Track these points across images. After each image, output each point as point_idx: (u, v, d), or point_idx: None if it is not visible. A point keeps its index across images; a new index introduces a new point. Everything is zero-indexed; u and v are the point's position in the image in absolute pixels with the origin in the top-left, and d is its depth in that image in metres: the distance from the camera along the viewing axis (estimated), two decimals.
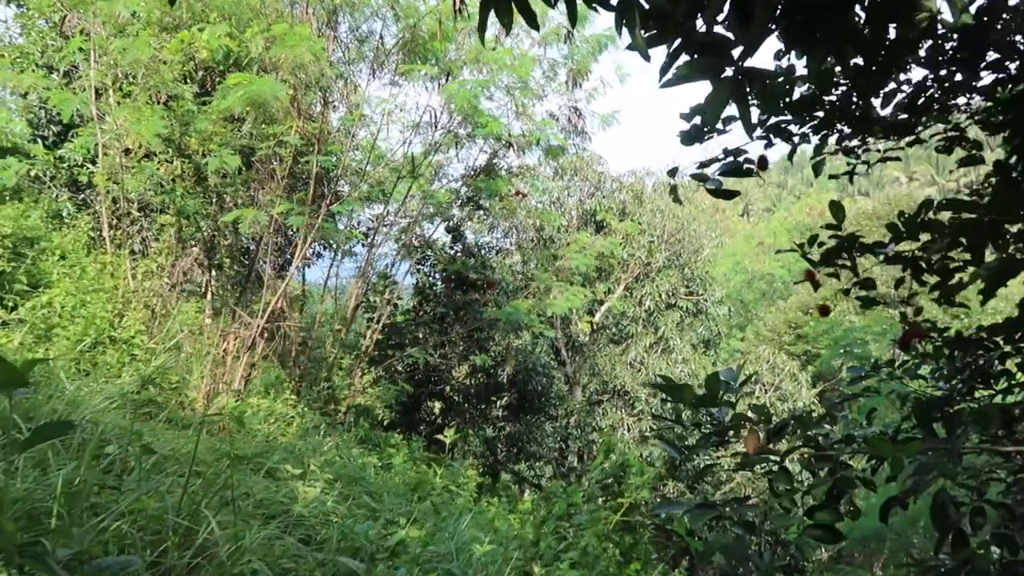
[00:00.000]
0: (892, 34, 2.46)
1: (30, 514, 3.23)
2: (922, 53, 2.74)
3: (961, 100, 3.21)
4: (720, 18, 2.43)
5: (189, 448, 5.69)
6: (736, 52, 2.52)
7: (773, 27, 2.52)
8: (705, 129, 2.94)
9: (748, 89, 2.49)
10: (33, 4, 10.94)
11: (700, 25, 2.44)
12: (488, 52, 11.17)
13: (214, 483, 4.58)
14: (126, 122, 8.52)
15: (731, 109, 2.83)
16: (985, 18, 2.33)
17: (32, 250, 9.40)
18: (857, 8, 2.38)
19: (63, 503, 3.26)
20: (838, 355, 26.62)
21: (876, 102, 3.25)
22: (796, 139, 3.23)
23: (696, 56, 2.46)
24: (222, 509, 4.08)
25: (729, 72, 2.48)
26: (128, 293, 9.29)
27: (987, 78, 2.89)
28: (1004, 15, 2.46)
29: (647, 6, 2.46)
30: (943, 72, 2.97)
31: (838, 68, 2.76)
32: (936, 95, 3.01)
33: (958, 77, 3.21)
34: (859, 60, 2.63)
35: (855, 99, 2.92)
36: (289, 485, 5.68)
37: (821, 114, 3.02)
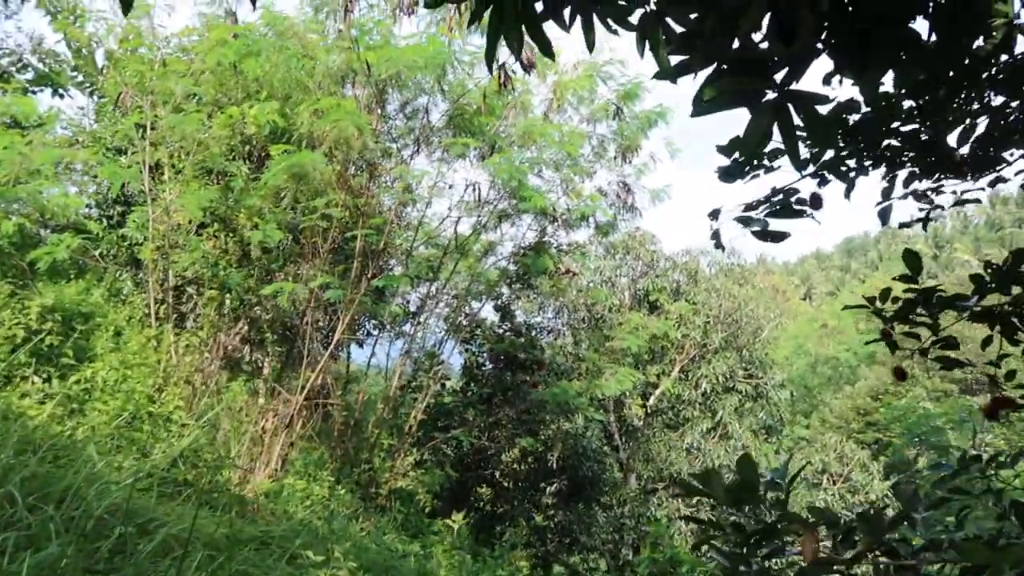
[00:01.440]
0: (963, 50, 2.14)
1: None
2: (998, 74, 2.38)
3: None
4: (759, 37, 2.16)
5: (210, 529, 5.38)
6: (779, 75, 2.22)
7: (820, 45, 2.22)
8: (745, 165, 2.60)
9: (794, 116, 2.17)
10: (108, 91, 11.48)
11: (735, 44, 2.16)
12: (537, 127, 11.16)
13: (223, 567, 4.24)
14: (175, 197, 8.65)
15: (777, 142, 2.50)
16: None
17: (85, 325, 9.50)
18: (920, 19, 2.08)
19: None
20: (912, 443, 25.01)
21: (951, 139, 2.88)
22: (853, 175, 2.83)
23: (731, 76, 2.16)
24: None
25: (771, 96, 2.17)
26: (170, 368, 9.24)
27: None
28: None
29: (673, 24, 2.21)
30: None
31: (904, 91, 2.41)
32: (1020, 123, 2.62)
33: None
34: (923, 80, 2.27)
35: (921, 127, 2.55)
36: (310, 573, 5.29)
37: (882, 146, 2.64)
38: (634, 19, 2.28)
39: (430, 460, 14.12)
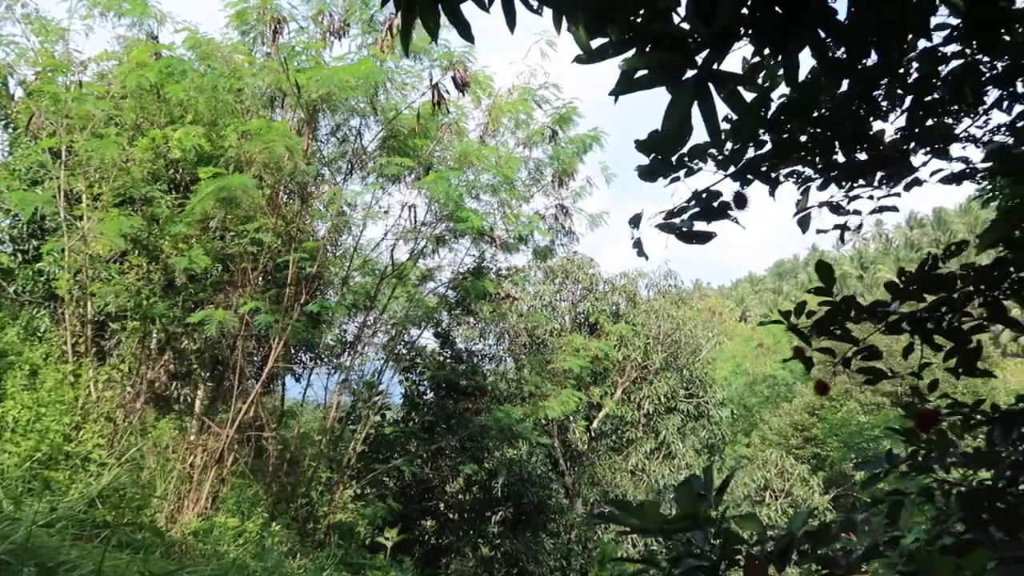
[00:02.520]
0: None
1: None
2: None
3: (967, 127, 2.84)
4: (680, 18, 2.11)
5: (124, 570, 5.02)
6: (700, 57, 2.17)
7: (741, 26, 2.19)
8: (666, 163, 2.51)
9: (715, 98, 2.12)
10: (21, 122, 10.95)
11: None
12: (473, 150, 11.11)
13: None
14: (92, 224, 8.25)
15: (699, 138, 2.44)
16: None
17: None
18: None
19: None
20: (849, 456, 25.58)
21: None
22: (774, 175, 2.79)
23: (653, 53, 2.09)
24: None
25: (692, 74, 2.11)
26: (89, 404, 8.74)
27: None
28: None
29: None
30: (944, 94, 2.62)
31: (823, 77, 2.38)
32: (939, 120, 2.64)
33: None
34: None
35: (841, 117, 2.53)
36: None
37: (804, 139, 2.60)
38: None
39: (371, 493, 13.71)
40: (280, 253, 9.79)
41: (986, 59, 2.69)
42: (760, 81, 2.65)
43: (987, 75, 2.72)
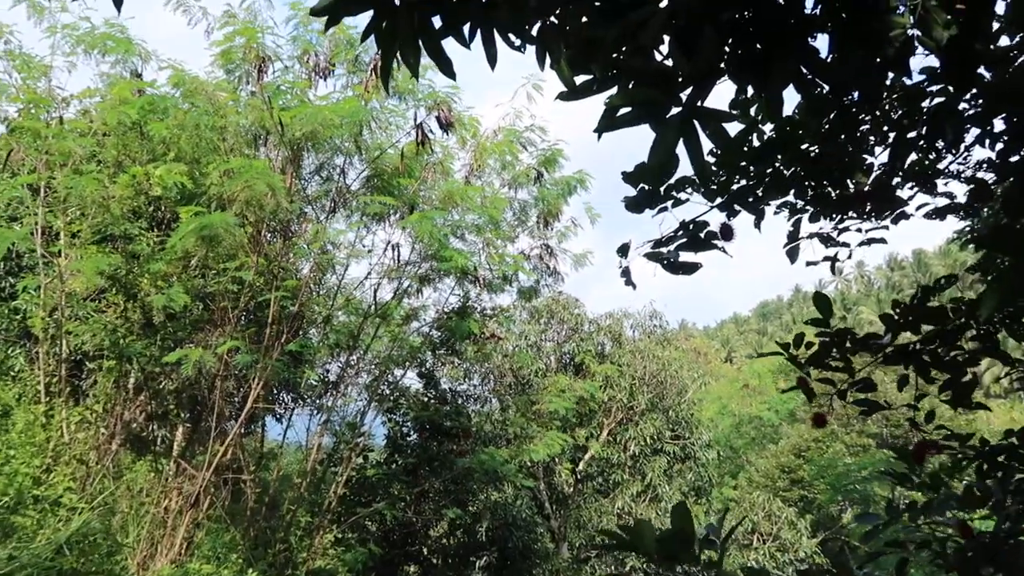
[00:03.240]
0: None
1: None
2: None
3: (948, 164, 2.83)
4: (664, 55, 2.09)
5: None
6: (684, 93, 2.15)
7: (724, 64, 2.17)
8: (653, 195, 2.49)
9: (700, 134, 2.10)
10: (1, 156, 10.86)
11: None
12: (458, 190, 11.12)
13: None
14: (69, 262, 8.12)
15: (684, 171, 2.43)
16: (968, 30, 1.97)
17: None
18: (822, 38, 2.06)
19: None
20: (836, 499, 25.38)
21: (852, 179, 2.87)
22: (761, 206, 2.78)
23: (637, 89, 2.07)
24: None
25: (676, 111, 2.09)
26: (61, 446, 8.50)
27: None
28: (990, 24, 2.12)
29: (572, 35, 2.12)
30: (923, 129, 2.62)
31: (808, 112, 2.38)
32: (922, 156, 2.64)
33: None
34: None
35: (824, 153, 2.52)
36: None
37: (787, 174, 2.59)
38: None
39: (352, 537, 13.39)
40: (262, 291, 9.68)
41: (966, 98, 2.71)
42: (752, 113, 2.64)
43: (967, 113, 2.74)
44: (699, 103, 2.14)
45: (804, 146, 2.54)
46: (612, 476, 20.25)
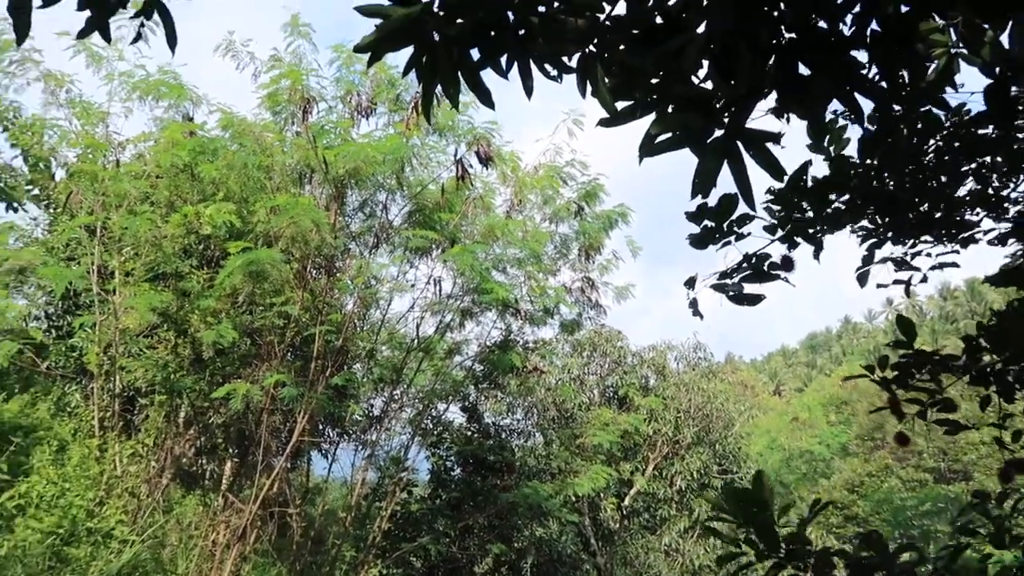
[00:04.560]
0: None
1: None
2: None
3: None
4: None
5: None
6: (726, 117, 2.16)
7: (764, 86, 2.17)
8: (716, 231, 2.51)
9: (744, 155, 2.09)
10: (61, 201, 11.32)
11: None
12: (499, 224, 11.22)
13: None
14: (123, 299, 8.39)
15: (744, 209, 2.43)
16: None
17: (25, 440, 8.98)
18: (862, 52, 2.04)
19: None
20: (894, 537, 24.43)
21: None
22: (820, 237, 2.79)
23: (678, 114, 2.08)
24: None
25: (718, 134, 2.09)
26: (114, 479, 8.69)
27: None
28: None
29: (615, 64, 2.14)
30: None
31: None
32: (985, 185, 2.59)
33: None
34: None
35: (881, 183, 2.50)
36: None
37: (841, 204, 2.58)
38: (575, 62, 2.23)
39: (397, 573, 13.32)
40: (307, 326, 9.85)
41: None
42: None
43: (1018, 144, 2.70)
44: (741, 125, 2.15)
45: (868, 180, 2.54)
46: (659, 511, 19.83)
